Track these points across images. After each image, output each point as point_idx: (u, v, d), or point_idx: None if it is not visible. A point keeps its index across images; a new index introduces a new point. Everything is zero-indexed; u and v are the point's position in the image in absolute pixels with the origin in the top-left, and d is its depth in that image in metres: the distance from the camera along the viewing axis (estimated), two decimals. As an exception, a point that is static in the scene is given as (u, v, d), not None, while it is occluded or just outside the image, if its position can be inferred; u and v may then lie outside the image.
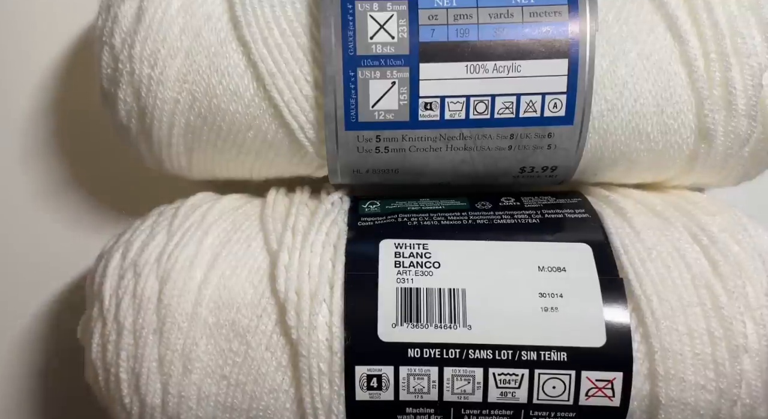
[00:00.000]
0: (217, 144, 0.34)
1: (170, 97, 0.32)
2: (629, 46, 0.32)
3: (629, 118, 0.32)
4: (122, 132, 0.34)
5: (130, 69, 0.32)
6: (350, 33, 0.31)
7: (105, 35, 0.33)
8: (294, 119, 0.32)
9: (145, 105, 0.33)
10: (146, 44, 0.32)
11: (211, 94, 0.32)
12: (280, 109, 0.32)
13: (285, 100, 0.32)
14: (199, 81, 0.32)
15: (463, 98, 0.32)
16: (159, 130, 0.33)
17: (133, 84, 0.32)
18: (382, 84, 0.31)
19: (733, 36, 0.31)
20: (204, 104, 0.33)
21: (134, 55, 0.32)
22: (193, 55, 0.32)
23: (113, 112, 0.34)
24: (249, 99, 0.32)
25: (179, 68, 0.32)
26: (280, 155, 0.34)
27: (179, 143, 0.34)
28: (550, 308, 0.30)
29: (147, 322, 0.31)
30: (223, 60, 0.32)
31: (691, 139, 0.33)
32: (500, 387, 0.30)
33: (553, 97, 0.32)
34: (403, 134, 0.32)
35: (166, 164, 0.35)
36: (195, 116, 0.33)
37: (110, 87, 0.33)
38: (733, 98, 0.32)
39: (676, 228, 0.32)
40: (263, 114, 0.33)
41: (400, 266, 0.31)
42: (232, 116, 0.33)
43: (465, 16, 0.31)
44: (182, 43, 0.32)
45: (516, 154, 0.33)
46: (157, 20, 0.32)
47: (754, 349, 0.30)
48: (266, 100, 0.32)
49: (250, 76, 0.32)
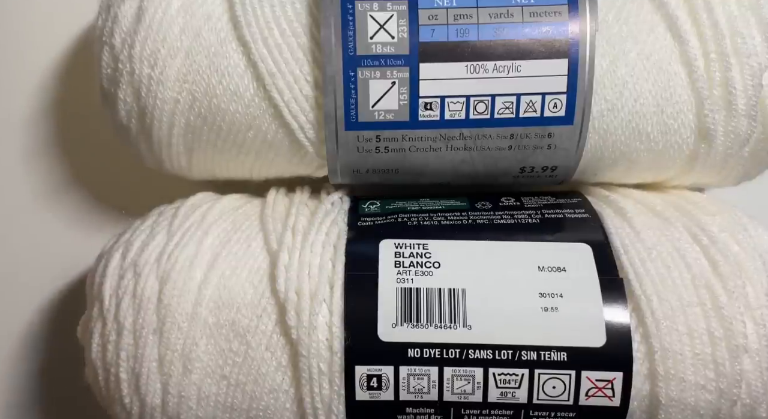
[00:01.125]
0: (217, 144, 0.34)
1: (170, 97, 0.32)
2: (629, 46, 0.32)
3: (629, 118, 0.32)
4: (122, 132, 0.34)
5: (130, 69, 0.32)
6: (350, 33, 0.31)
7: (105, 35, 0.33)
8: (294, 119, 0.32)
9: (145, 105, 0.33)
10: (146, 44, 0.32)
11: (211, 94, 0.32)
12: (280, 109, 0.32)
13: (285, 100, 0.32)
14: (199, 81, 0.32)
15: (463, 98, 0.32)
16: (159, 130, 0.33)
17: (133, 84, 0.32)
18: (382, 84, 0.31)
19: (733, 36, 0.31)
20: (204, 104, 0.33)
21: (134, 55, 0.32)
22: (193, 55, 0.32)
23: (113, 112, 0.34)
24: (249, 99, 0.32)
25: (179, 68, 0.32)
26: (280, 155, 0.34)
27: (179, 143, 0.34)
28: (550, 308, 0.30)
29: (147, 322, 0.31)
30: (223, 60, 0.32)
31: (691, 139, 0.33)
32: (500, 387, 0.30)
33: (553, 97, 0.32)
34: (403, 134, 0.32)
35: (166, 164, 0.35)
36: (195, 116, 0.33)
37: (110, 87, 0.33)
38: (733, 98, 0.32)
39: (676, 228, 0.32)
40: (263, 114, 0.33)
41: (400, 266, 0.31)
42: (232, 116, 0.33)
43: (465, 16, 0.31)
44: (182, 43, 0.32)
45: (516, 154, 0.33)
46: (157, 20, 0.32)
47: (754, 349, 0.30)
48: (266, 101, 0.32)
49: (250, 76, 0.32)
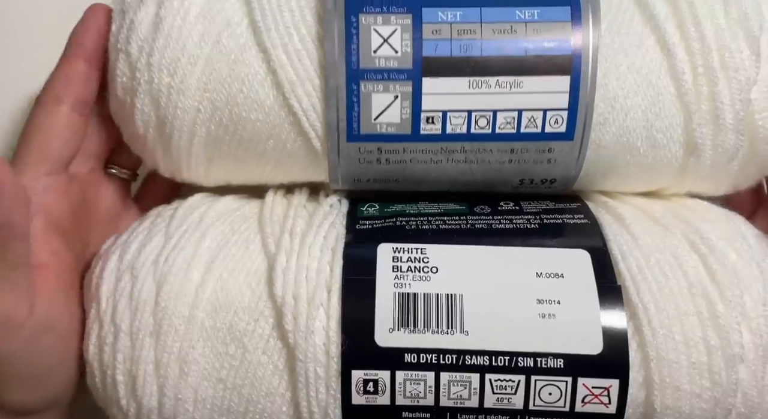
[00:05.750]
0: (237, 153, 0.33)
1: (191, 107, 0.32)
2: (620, 59, 0.31)
3: (620, 132, 0.32)
4: (137, 141, 0.34)
5: (148, 78, 0.31)
6: (354, 46, 0.31)
7: (120, 43, 0.32)
8: (312, 127, 0.32)
9: (165, 115, 0.32)
10: (165, 52, 0.31)
11: (232, 103, 0.32)
12: (298, 117, 0.32)
13: (304, 108, 0.31)
14: (220, 89, 0.31)
15: (465, 113, 0.31)
16: (179, 139, 0.32)
17: (151, 93, 0.31)
18: (384, 97, 0.31)
19: (720, 49, 0.31)
20: (225, 113, 0.32)
21: (153, 64, 0.31)
22: (213, 63, 0.31)
23: (129, 121, 0.33)
24: (269, 107, 0.32)
25: (199, 76, 0.31)
26: (298, 164, 0.34)
27: (199, 153, 0.33)
28: (548, 314, 0.30)
29: (144, 325, 0.30)
30: (243, 67, 0.31)
31: (679, 153, 0.33)
32: (496, 392, 0.30)
33: (554, 113, 0.31)
34: (404, 147, 0.32)
35: (184, 173, 0.35)
36: (216, 126, 0.32)
37: (126, 96, 0.32)
38: (721, 113, 0.31)
39: (675, 236, 0.32)
40: (282, 123, 0.32)
41: (398, 271, 0.31)
42: (253, 125, 0.32)
43: (468, 31, 0.31)
44: (202, 50, 0.31)
45: (515, 167, 0.33)
46: (176, 27, 0.31)
47: (750, 359, 0.30)
48: (285, 108, 0.32)
49: (270, 83, 0.31)
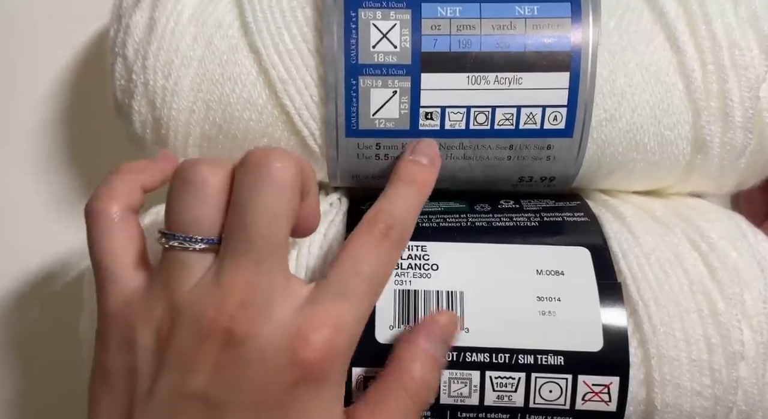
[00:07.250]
0: (232, 152, 0.33)
1: (185, 107, 0.32)
2: (629, 56, 0.32)
3: (627, 128, 0.32)
4: (137, 142, 0.34)
5: (144, 80, 0.32)
6: (353, 41, 0.31)
7: (117, 46, 0.33)
8: (305, 126, 0.32)
9: (160, 116, 0.32)
10: (159, 54, 0.32)
11: (225, 103, 0.32)
12: (291, 116, 0.32)
13: (296, 107, 0.32)
14: (213, 90, 0.32)
15: (464, 109, 0.32)
16: (174, 140, 0.33)
17: (147, 95, 0.32)
18: (383, 93, 0.31)
19: (730, 48, 0.31)
20: (218, 113, 0.32)
21: (148, 66, 0.32)
22: (206, 64, 0.32)
23: (128, 123, 0.34)
24: (261, 106, 0.32)
25: (193, 78, 0.32)
26: None
27: (195, 153, 0.34)
28: (548, 311, 0.30)
29: None
30: (235, 67, 0.32)
31: (687, 150, 0.33)
32: (497, 390, 0.30)
33: (553, 110, 0.32)
34: (403, 143, 0.32)
35: None
36: (210, 125, 0.33)
37: (124, 98, 0.33)
38: (730, 110, 0.31)
39: (675, 234, 0.32)
40: (276, 121, 0.32)
41: (398, 268, 0.31)
42: (246, 124, 0.32)
43: (468, 27, 0.31)
44: (195, 52, 0.32)
45: (515, 164, 0.33)
46: (169, 30, 0.32)
47: (750, 356, 0.30)
48: (278, 107, 0.32)
49: (262, 83, 0.32)
